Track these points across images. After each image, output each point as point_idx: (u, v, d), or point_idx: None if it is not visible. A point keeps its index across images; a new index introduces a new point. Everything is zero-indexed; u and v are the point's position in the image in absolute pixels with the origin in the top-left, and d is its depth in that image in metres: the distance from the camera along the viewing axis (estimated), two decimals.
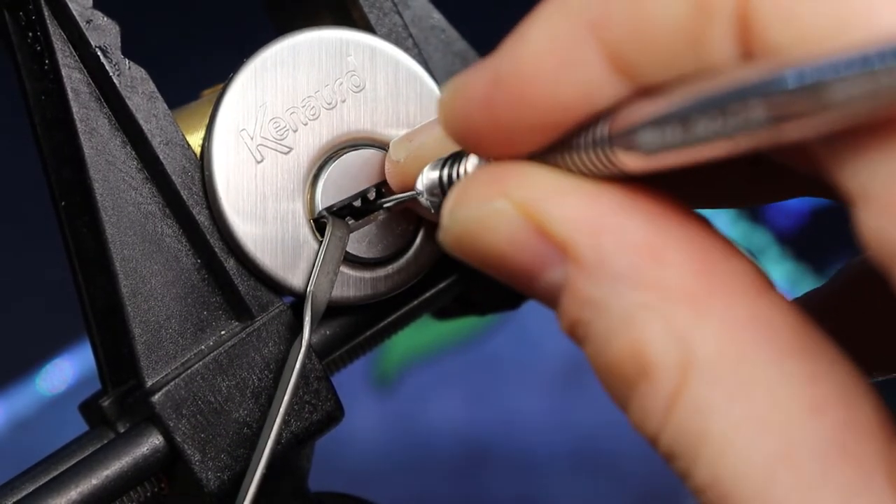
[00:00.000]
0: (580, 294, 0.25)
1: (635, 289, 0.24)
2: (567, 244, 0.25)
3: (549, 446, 0.85)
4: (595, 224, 0.25)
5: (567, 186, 0.26)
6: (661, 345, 0.24)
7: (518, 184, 0.26)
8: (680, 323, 0.24)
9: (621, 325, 0.24)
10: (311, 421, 0.34)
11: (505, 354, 0.88)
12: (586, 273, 0.25)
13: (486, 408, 0.86)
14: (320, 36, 0.35)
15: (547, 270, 0.26)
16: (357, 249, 0.35)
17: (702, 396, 0.23)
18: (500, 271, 0.27)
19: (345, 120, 0.35)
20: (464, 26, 0.39)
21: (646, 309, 0.24)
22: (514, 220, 0.26)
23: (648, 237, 0.24)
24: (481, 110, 0.26)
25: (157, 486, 0.33)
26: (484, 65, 0.26)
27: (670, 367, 0.24)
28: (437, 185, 0.31)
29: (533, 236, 0.26)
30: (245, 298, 0.34)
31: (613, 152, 0.24)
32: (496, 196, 0.26)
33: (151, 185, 0.34)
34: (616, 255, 0.24)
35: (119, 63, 0.33)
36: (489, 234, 0.26)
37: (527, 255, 0.26)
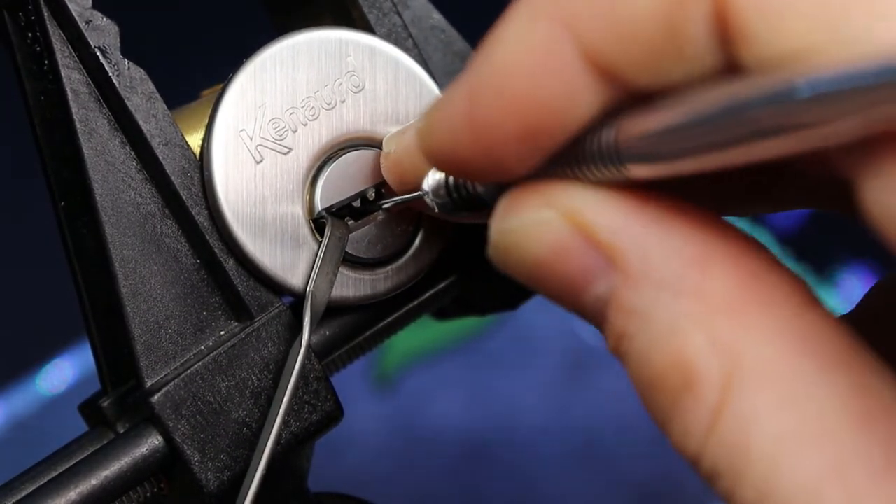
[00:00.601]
0: (625, 305, 0.24)
1: (680, 299, 0.24)
2: (614, 252, 0.25)
3: (548, 445, 0.85)
4: (641, 233, 0.24)
5: (609, 196, 0.25)
6: (706, 355, 0.23)
7: (562, 194, 0.25)
8: (724, 333, 0.23)
9: (665, 335, 0.24)
10: (310, 421, 0.34)
11: (505, 354, 0.89)
12: (632, 282, 0.24)
13: (486, 407, 0.86)
14: (320, 36, 0.35)
15: (593, 282, 0.25)
16: (356, 250, 0.35)
17: (747, 408, 0.23)
18: (548, 284, 0.26)
19: (344, 120, 0.35)
20: (464, 26, 0.39)
21: (690, 319, 0.23)
22: (560, 228, 0.25)
23: (693, 247, 0.24)
24: (463, 131, 0.25)
25: (157, 486, 0.33)
26: (457, 83, 0.26)
27: (714, 378, 0.23)
28: (443, 185, 0.31)
29: (580, 245, 0.25)
30: (244, 299, 0.34)
31: (622, 163, 0.24)
32: (541, 206, 0.26)
33: (151, 186, 0.34)
34: (662, 265, 0.24)
35: (118, 63, 0.33)
36: (536, 244, 0.26)
37: (573, 266, 0.25)
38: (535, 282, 0.26)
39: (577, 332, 0.90)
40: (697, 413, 0.23)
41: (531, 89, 0.24)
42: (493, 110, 0.25)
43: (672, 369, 0.24)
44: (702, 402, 0.23)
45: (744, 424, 0.23)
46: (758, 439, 0.22)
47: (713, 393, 0.23)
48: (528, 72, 0.24)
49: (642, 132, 0.23)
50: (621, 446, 0.85)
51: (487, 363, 0.88)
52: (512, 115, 0.24)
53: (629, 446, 0.85)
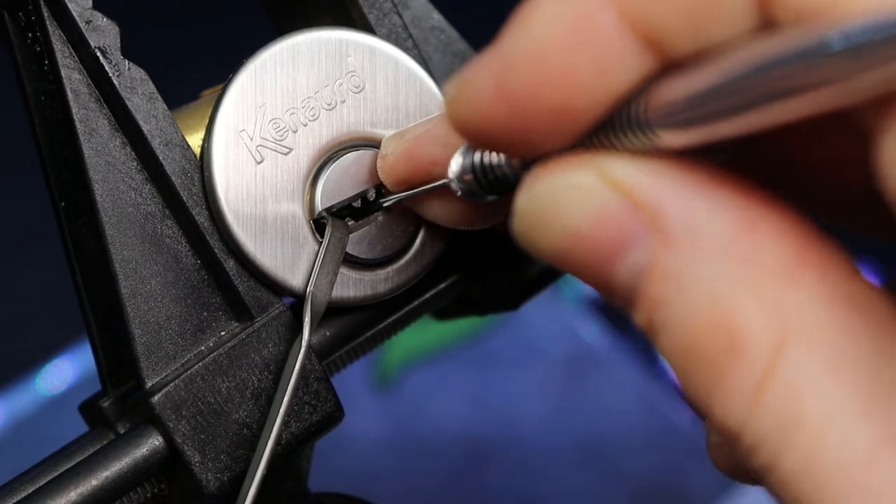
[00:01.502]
0: (665, 270, 0.23)
1: (727, 262, 0.23)
2: (657, 215, 0.23)
3: (548, 445, 0.85)
4: (686, 196, 0.23)
5: (650, 162, 0.24)
6: (755, 317, 0.22)
7: (600, 159, 0.24)
8: (775, 296, 0.22)
9: (710, 299, 0.23)
10: (310, 422, 0.34)
11: (505, 354, 0.89)
12: (674, 246, 0.23)
13: (487, 407, 0.86)
14: (320, 36, 0.35)
15: (629, 249, 0.24)
16: (357, 250, 0.35)
17: (798, 373, 0.22)
18: (577, 255, 0.25)
19: (344, 120, 0.35)
20: (464, 26, 0.39)
21: (738, 282, 0.22)
22: (599, 192, 0.24)
23: (741, 211, 0.23)
24: (494, 102, 0.24)
25: (157, 487, 0.33)
26: (490, 52, 0.24)
27: (764, 341, 0.22)
28: (470, 169, 0.30)
29: (619, 209, 0.24)
30: (245, 299, 0.34)
31: (654, 131, 0.23)
32: (579, 170, 0.24)
33: (151, 186, 0.34)
34: (708, 228, 0.23)
35: (119, 64, 0.33)
36: (571, 208, 0.24)
37: (610, 231, 0.24)
38: (564, 252, 0.25)
39: (577, 332, 0.90)
40: (744, 378, 0.22)
41: (568, 57, 0.23)
42: (528, 81, 0.24)
43: (717, 333, 0.22)
44: (749, 367, 0.22)
45: (794, 390, 0.22)
46: (808, 406, 0.21)
47: (762, 356, 0.22)
48: (566, 38, 0.23)
49: (672, 97, 0.23)
50: (621, 446, 0.85)
51: (487, 363, 0.88)
52: (548, 85, 0.23)
53: (629, 446, 0.85)
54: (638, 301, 0.24)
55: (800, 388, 0.22)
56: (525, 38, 0.24)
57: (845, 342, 0.22)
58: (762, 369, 0.22)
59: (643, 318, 0.24)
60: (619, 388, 0.87)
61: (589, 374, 0.88)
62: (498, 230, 0.34)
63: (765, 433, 0.22)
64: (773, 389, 0.22)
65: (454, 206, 0.33)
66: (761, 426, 0.22)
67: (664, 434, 0.84)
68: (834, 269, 0.23)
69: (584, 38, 0.23)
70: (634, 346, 0.89)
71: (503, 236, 0.36)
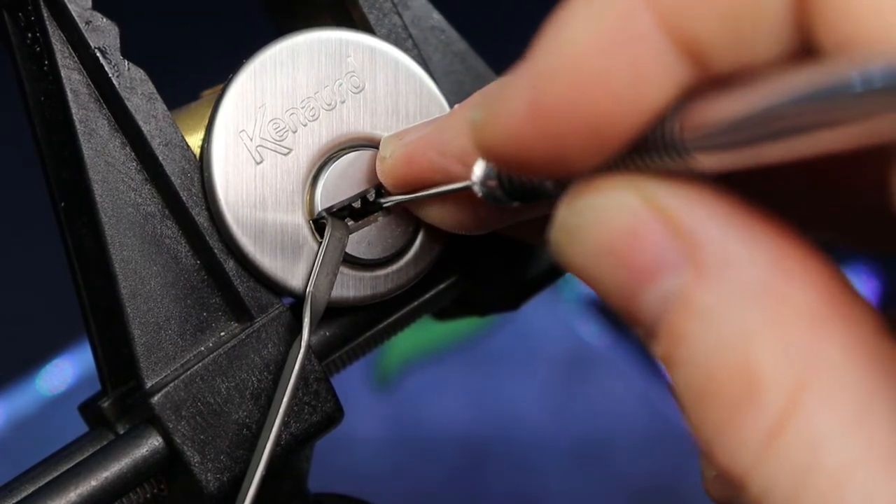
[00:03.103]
0: (694, 304, 0.23)
1: (758, 304, 0.22)
2: (695, 245, 0.23)
3: (548, 445, 0.85)
4: (725, 230, 0.23)
5: (691, 188, 0.23)
6: (776, 364, 0.22)
7: (643, 181, 0.24)
8: (800, 344, 0.22)
9: (733, 341, 0.22)
10: (310, 422, 0.34)
11: (505, 354, 0.89)
12: (707, 280, 0.23)
13: (486, 408, 0.86)
14: (320, 37, 0.35)
15: (661, 276, 0.23)
16: (357, 250, 0.35)
17: (815, 423, 0.21)
18: (608, 274, 0.24)
19: (344, 121, 0.35)
20: (464, 26, 0.39)
21: (765, 325, 0.22)
22: (640, 213, 0.23)
23: (776, 252, 0.23)
24: (526, 123, 0.23)
25: (157, 487, 0.33)
26: (520, 72, 0.23)
27: (782, 388, 0.21)
28: (495, 175, 0.29)
29: (657, 233, 0.23)
30: (244, 299, 0.34)
31: (688, 153, 0.22)
32: (623, 188, 0.24)
33: (151, 187, 0.34)
34: (743, 266, 0.22)
35: (118, 64, 0.33)
36: (609, 226, 0.24)
37: (645, 255, 0.23)
38: (596, 270, 0.24)
39: (577, 332, 0.90)
40: (756, 425, 0.22)
41: (606, 70, 0.22)
42: (562, 97, 0.22)
43: (734, 376, 0.22)
44: (763, 414, 0.22)
45: (810, 441, 0.21)
46: (824, 458, 0.21)
47: (778, 404, 0.21)
48: (603, 50, 0.22)
49: (710, 119, 0.22)
50: (621, 446, 0.85)
51: (487, 363, 0.88)
52: (583, 101, 0.22)
53: (628, 446, 0.85)
54: (661, 331, 0.24)
55: (816, 438, 0.21)
56: (559, 51, 0.23)
57: (867, 396, 0.21)
58: (777, 417, 0.21)
59: (663, 348, 0.24)
60: (619, 388, 0.87)
61: (589, 374, 0.88)
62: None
63: (775, 483, 0.21)
64: (787, 438, 0.21)
65: (453, 211, 0.33)
66: (771, 475, 0.22)
67: (664, 434, 0.84)
68: (860, 320, 0.22)
69: (622, 46, 0.22)
70: (634, 346, 0.89)
71: (503, 237, 0.36)
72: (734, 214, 0.23)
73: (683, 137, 0.22)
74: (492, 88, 0.24)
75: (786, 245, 0.23)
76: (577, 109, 0.23)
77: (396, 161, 0.33)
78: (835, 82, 0.20)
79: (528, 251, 0.38)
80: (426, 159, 0.32)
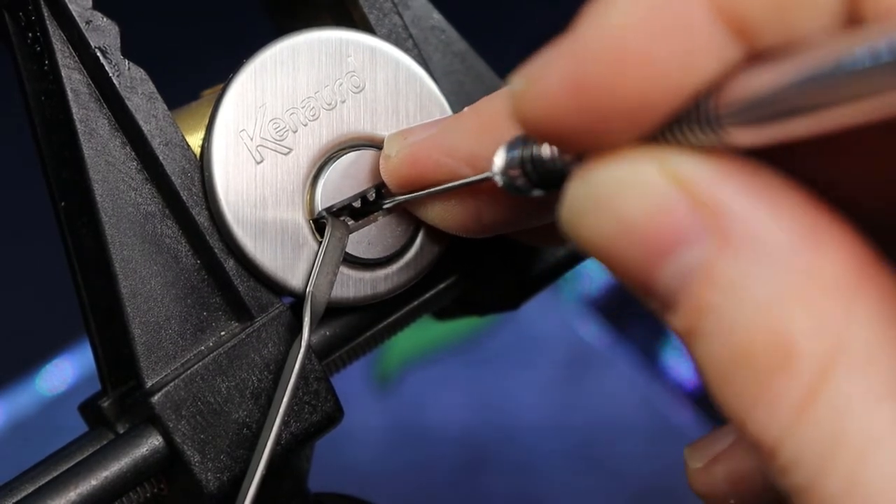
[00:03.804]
0: (719, 275, 0.22)
1: (786, 273, 0.22)
2: (719, 215, 0.22)
3: (548, 445, 0.85)
4: (750, 200, 0.22)
5: (716, 161, 0.23)
6: (808, 333, 0.21)
7: (664, 153, 0.23)
8: (831, 314, 0.22)
9: (763, 311, 0.22)
10: (310, 422, 0.34)
11: (505, 354, 0.89)
12: (732, 251, 0.22)
13: (486, 408, 0.86)
14: (320, 36, 0.35)
15: (682, 248, 0.23)
16: (357, 250, 0.35)
17: (846, 394, 0.21)
18: (626, 251, 0.24)
19: (344, 120, 0.35)
20: (464, 26, 0.39)
21: (795, 296, 0.22)
22: (659, 185, 0.23)
23: (804, 222, 0.22)
24: (567, 96, 0.23)
25: (157, 486, 0.33)
26: (563, 42, 0.23)
27: (814, 357, 0.21)
28: (517, 163, 0.28)
29: (679, 205, 0.23)
30: (245, 299, 0.34)
31: (724, 127, 0.22)
32: (640, 162, 0.23)
33: (151, 186, 0.34)
34: (770, 236, 0.22)
35: (119, 64, 0.33)
36: (627, 201, 0.23)
37: (666, 226, 0.23)
38: (611, 244, 0.24)
39: (577, 332, 0.90)
40: (788, 394, 0.21)
41: (651, 45, 0.22)
42: (606, 73, 0.22)
43: (765, 346, 0.22)
44: (795, 383, 0.21)
45: (840, 411, 0.21)
46: (854, 427, 0.21)
47: (810, 374, 0.21)
48: (649, 25, 0.22)
49: (747, 93, 0.22)
50: (621, 446, 0.85)
51: (487, 363, 0.88)
52: (627, 78, 0.22)
53: (629, 446, 0.85)
54: (681, 303, 0.23)
55: (847, 408, 0.21)
56: (603, 26, 0.22)
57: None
58: (809, 386, 0.21)
59: (684, 321, 0.23)
60: (619, 388, 0.87)
61: (589, 374, 0.88)
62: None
63: (805, 452, 0.21)
64: (818, 408, 0.21)
65: (455, 213, 0.33)
66: (801, 444, 0.22)
67: (664, 434, 0.84)
68: (890, 291, 0.22)
69: (669, 24, 0.22)
70: (634, 346, 0.89)
71: (503, 236, 0.36)
72: (761, 186, 0.23)
73: (718, 112, 0.22)
74: (534, 61, 0.24)
75: (815, 216, 0.23)
76: (618, 86, 0.22)
77: (401, 160, 0.33)
78: (845, 57, 0.20)
79: (529, 251, 0.38)
80: (432, 160, 0.32)
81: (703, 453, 0.32)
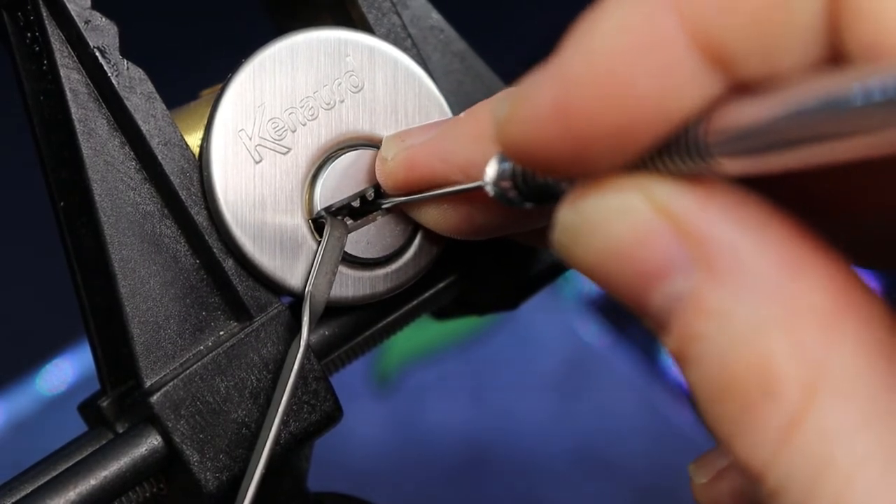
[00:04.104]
0: (705, 304, 0.23)
1: (768, 302, 0.22)
2: (703, 246, 0.23)
3: (548, 446, 0.85)
4: (733, 230, 0.23)
5: (701, 190, 0.23)
6: (791, 361, 0.22)
7: (650, 182, 0.24)
8: (812, 342, 0.22)
9: (748, 339, 0.22)
10: (309, 421, 0.34)
11: (505, 354, 0.89)
12: (717, 281, 0.23)
13: (486, 408, 0.86)
14: (319, 36, 0.35)
15: (669, 277, 0.23)
16: (356, 250, 0.35)
17: (830, 420, 0.22)
18: (616, 276, 0.24)
19: (343, 120, 0.35)
20: (463, 26, 0.39)
21: (777, 324, 0.22)
22: (646, 215, 0.24)
23: (786, 251, 0.23)
24: (551, 122, 0.23)
25: (156, 486, 0.33)
26: (547, 68, 0.23)
27: (797, 385, 0.22)
28: (509, 175, 0.29)
29: (665, 235, 0.23)
30: (243, 299, 0.34)
31: (712, 157, 0.22)
32: (627, 191, 0.24)
33: (150, 186, 0.34)
34: (753, 265, 0.23)
35: (117, 63, 0.33)
36: (615, 229, 0.24)
37: (653, 257, 0.24)
38: (603, 271, 0.25)
39: (577, 332, 0.90)
40: (773, 421, 0.22)
41: (634, 76, 0.22)
42: (589, 100, 0.23)
43: (751, 373, 0.22)
44: (780, 410, 0.22)
45: (824, 437, 0.22)
46: (838, 452, 0.21)
47: (794, 401, 0.22)
48: (631, 55, 0.22)
49: (735, 123, 0.22)
50: (621, 446, 0.85)
51: (487, 363, 0.88)
52: (609, 105, 0.22)
53: (629, 446, 0.85)
54: (672, 329, 0.24)
55: (831, 433, 0.22)
56: (588, 54, 0.23)
57: (878, 394, 0.22)
58: (794, 412, 0.22)
59: (675, 346, 0.24)
60: (619, 388, 0.87)
61: (589, 374, 0.88)
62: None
63: (792, 476, 0.22)
64: (803, 433, 0.22)
65: (451, 216, 0.33)
66: (788, 469, 0.22)
67: (664, 434, 0.84)
68: (872, 319, 0.23)
69: (651, 54, 0.22)
70: (634, 346, 0.89)
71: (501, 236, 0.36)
72: (745, 214, 0.23)
73: (707, 141, 0.22)
74: (519, 86, 0.24)
75: (798, 244, 0.23)
76: (602, 112, 0.23)
77: (398, 164, 0.33)
78: (839, 94, 0.20)
79: (527, 251, 0.38)
80: (428, 165, 0.32)
81: (707, 469, 0.32)
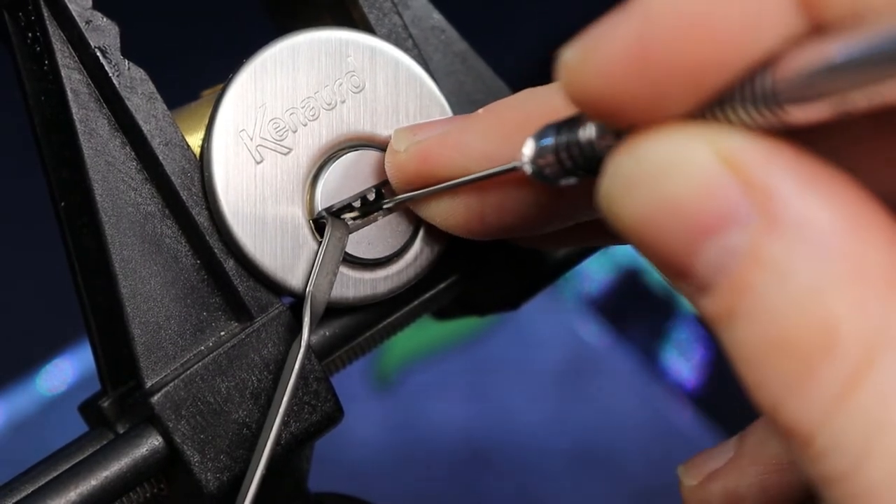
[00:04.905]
0: (765, 256, 0.22)
1: (832, 259, 0.22)
2: (769, 197, 0.22)
3: (548, 446, 0.85)
4: (801, 184, 0.22)
5: (768, 142, 0.23)
6: (853, 320, 0.22)
7: (714, 131, 0.23)
8: (875, 301, 0.22)
9: (809, 295, 0.22)
10: (310, 422, 0.34)
11: (505, 355, 0.89)
12: (780, 233, 0.22)
13: (486, 408, 0.86)
14: (320, 36, 0.35)
15: (727, 231, 0.23)
16: (357, 250, 0.35)
17: (890, 380, 0.21)
18: (665, 231, 0.23)
19: (344, 120, 0.35)
20: (464, 26, 0.39)
21: (839, 281, 0.22)
22: (711, 165, 0.23)
23: (851, 210, 0.22)
24: (629, 68, 0.23)
25: (157, 486, 0.33)
26: (625, 12, 0.23)
27: (859, 344, 0.21)
28: (552, 150, 0.28)
29: (730, 185, 0.23)
30: (244, 299, 0.34)
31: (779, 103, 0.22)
32: (692, 138, 0.23)
33: (151, 186, 0.34)
34: (819, 221, 0.22)
35: (118, 63, 0.33)
36: (673, 178, 0.23)
37: (715, 206, 0.23)
38: (653, 222, 0.23)
39: (577, 332, 0.90)
40: (830, 381, 0.21)
41: (716, 13, 0.22)
42: (668, 39, 0.22)
43: (810, 330, 0.22)
44: (838, 370, 0.21)
45: (883, 398, 0.21)
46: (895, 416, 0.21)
47: (854, 361, 0.21)
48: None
49: (807, 66, 0.21)
50: (621, 446, 0.85)
51: (487, 363, 0.88)
52: (689, 44, 0.22)
53: (629, 446, 0.85)
54: (721, 284, 0.23)
55: (890, 396, 0.21)
56: None
57: None
58: (853, 371, 0.21)
59: (720, 303, 0.23)
60: (620, 389, 0.87)
61: (589, 374, 0.88)
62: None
63: (844, 438, 0.21)
64: (862, 393, 0.21)
65: (460, 212, 0.33)
66: (843, 430, 0.21)
67: (664, 434, 0.84)
68: None
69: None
70: (634, 346, 0.89)
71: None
72: (810, 171, 0.23)
73: (777, 85, 0.22)
74: (590, 31, 0.23)
75: (859, 203, 0.23)
76: (681, 53, 0.22)
77: (411, 156, 0.33)
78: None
79: (529, 251, 0.38)
80: (445, 157, 0.32)
81: (698, 471, 0.32)
